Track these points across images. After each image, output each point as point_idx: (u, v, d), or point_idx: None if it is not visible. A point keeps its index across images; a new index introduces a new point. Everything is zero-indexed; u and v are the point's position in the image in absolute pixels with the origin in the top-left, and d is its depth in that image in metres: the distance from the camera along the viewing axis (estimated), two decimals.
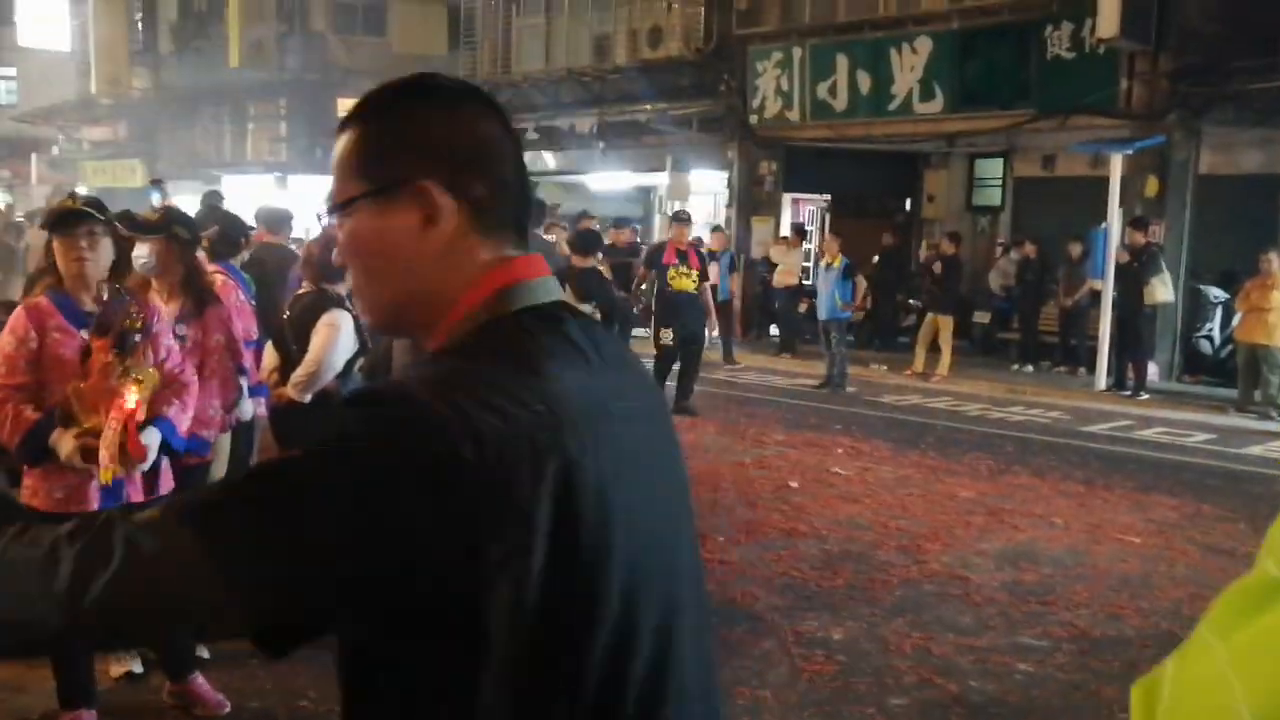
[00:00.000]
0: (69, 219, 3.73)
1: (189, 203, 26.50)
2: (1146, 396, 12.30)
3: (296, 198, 21.63)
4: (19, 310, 3.72)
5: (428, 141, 1.19)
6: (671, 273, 10.70)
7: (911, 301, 16.35)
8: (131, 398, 3.61)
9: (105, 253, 3.77)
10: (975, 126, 15.42)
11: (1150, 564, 6.29)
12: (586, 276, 7.98)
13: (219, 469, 5.07)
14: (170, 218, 4.82)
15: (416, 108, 1.22)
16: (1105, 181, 12.94)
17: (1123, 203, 12.97)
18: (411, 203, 1.18)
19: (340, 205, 1.22)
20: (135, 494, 3.82)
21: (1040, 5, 14.25)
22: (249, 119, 27.60)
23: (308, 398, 4.89)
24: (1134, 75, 13.60)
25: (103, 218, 3.81)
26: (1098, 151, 13.48)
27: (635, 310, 12.14)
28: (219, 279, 5.35)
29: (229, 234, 6.87)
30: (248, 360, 5.21)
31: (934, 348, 13.77)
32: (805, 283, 16.18)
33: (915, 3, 15.63)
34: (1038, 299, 14.94)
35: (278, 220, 8.87)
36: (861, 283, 14.00)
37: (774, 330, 17.15)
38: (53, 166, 29.94)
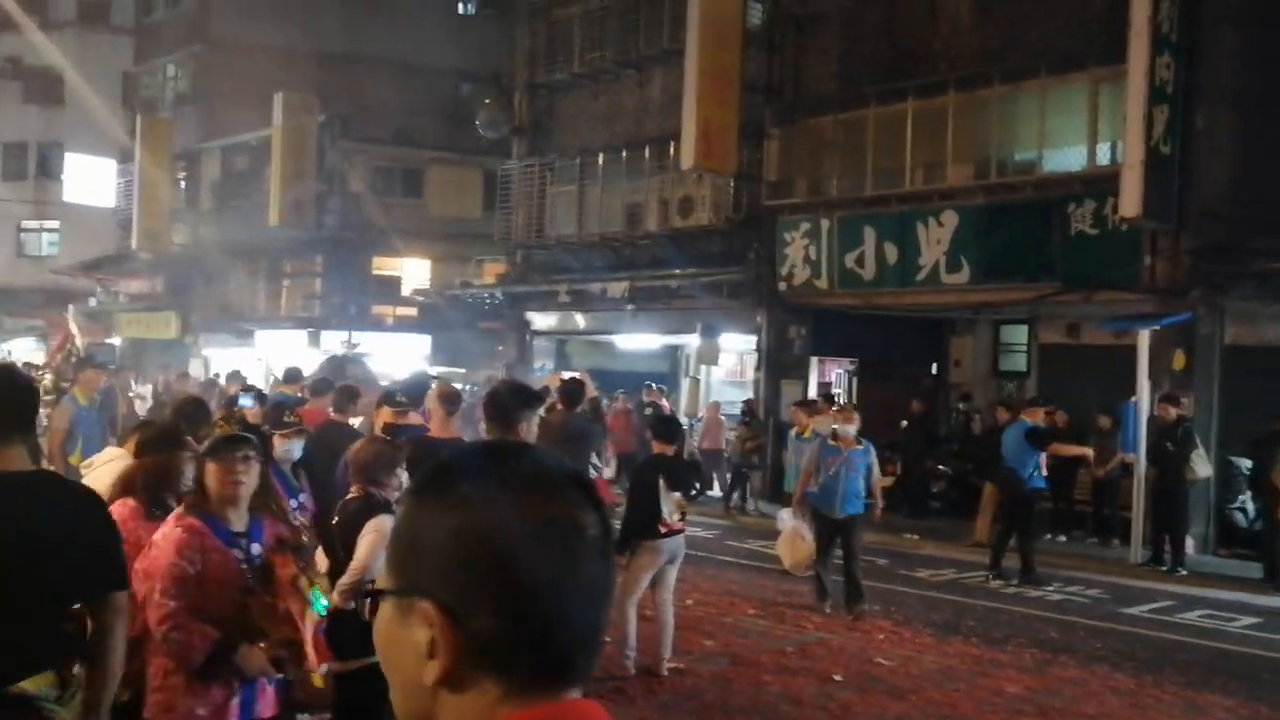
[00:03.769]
0: (229, 445, 3.89)
1: (221, 355, 26.88)
2: (1184, 573, 12.23)
3: (327, 352, 22.11)
4: (180, 533, 3.76)
5: (432, 550, 1.00)
6: None
7: (941, 468, 16.39)
8: (320, 604, 3.75)
9: (255, 476, 3.90)
10: (1001, 298, 15.74)
11: None
12: (677, 467, 7.93)
13: None
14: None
15: (436, 497, 1.03)
16: (1131, 349, 13.14)
17: (1150, 375, 13.14)
18: (420, 619, 1.00)
19: (374, 592, 1.08)
20: (267, 708, 3.91)
21: (1063, 183, 14.72)
22: (285, 275, 28.24)
23: (352, 605, 4.98)
24: (1156, 252, 13.93)
25: (257, 442, 4.00)
26: (1126, 329, 13.72)
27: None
28: None
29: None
30: None
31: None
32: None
33: (941, 178, 16.09)
34: (1071, 468, 14.98)
35: (346, 395, 8.07)
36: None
37: None
38: (90, 318, 30.52)
